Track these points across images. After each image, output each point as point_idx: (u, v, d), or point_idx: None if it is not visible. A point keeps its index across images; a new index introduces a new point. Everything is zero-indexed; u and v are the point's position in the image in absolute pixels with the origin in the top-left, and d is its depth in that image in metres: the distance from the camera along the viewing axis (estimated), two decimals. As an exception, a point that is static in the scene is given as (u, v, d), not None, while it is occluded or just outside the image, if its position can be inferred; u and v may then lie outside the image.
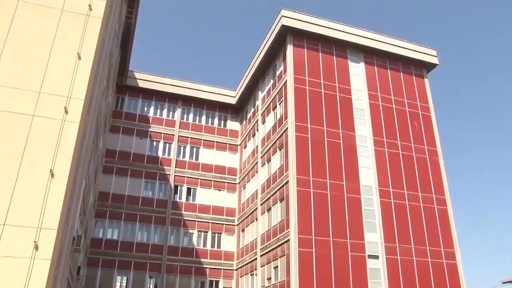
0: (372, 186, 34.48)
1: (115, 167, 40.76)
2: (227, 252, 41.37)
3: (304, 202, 31.64)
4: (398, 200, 34.80)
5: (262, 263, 35.01)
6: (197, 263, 39.77)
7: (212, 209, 42.28)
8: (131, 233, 39.15)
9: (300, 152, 33.12)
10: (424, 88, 40.52)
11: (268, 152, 37.58)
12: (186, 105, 45.88)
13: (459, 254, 34.76)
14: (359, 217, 32.93)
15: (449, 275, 33.72)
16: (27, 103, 15.06)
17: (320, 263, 30.34)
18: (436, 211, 35.55)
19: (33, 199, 13.76)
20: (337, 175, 33.59)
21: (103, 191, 39.25)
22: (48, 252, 13.27)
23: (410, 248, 33.47)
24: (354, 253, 31.61)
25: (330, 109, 35.80)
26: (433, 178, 36.74)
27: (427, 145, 37.89)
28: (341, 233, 31.79)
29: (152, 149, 42.97)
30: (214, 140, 45.28)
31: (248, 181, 41.55)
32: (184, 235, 40.71)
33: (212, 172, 43.80)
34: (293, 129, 33.70)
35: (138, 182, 41.04)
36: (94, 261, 36.76)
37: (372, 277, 31.55)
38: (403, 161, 36.44)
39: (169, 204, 41.16)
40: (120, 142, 41.95)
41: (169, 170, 42.46)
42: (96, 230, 38.22)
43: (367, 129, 36.50)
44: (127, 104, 44.04)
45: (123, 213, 39.37)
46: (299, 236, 30.51)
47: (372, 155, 35.62)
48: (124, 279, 37.84)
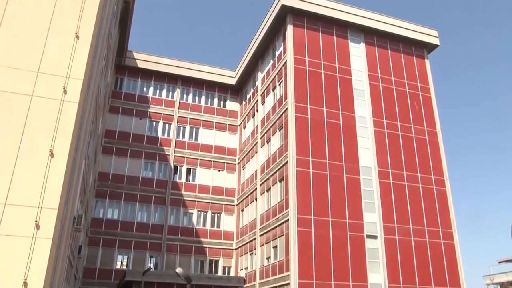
0: (371, 167, 34.59)
1: (114, 147, 40.82)
2: (226, 231, 41.71)
3: (303, 182, 31.77)
4: (397, 181, 34.94)
5: (262, 242, 35.32)
6: (197, 242, 40.13)
7: (212, 189, 42.49)
8: (131, 213, 39.41)
9: (299, 133, 33.14)
10: (425, 69, 40.33)
11: (268, 132, 37.58)
12: (185, 85, 45.71)
13: (457, 235, 35.08)
14: (358, 197, 33.12)
15: (447, 255, 34.07)
16: (26, 83, 15.00)
17: (319, 243, 30.61)
18: (434, 192, 35.74)
19: (33, 179, 13.81)
20: (337, 155, 33.66)
21: (103, 172, 39.39)
22: (49, 231, 13.37)
23: (409, 228, 33.75)
24: (353, 233, 31.88)
25: (330, 89, 35.68)
26: (432, 159, 36.84)
27: (426, 126, 37.89)
28: (340, 213, 32.02)
29: (151, 130, 42.96)
30: (213, 121, 45.25)
31: (248, 161, 41.65)
32: (184, 215, 40.99)
33: (211, 153, 43.88)
34: (293, 110, 33.65)
35: (138, 163, 41.15)
36: (95, 241, 37.09)
37: (370, 257, 31.88)
38: (403, 142, 36.48)
39: (169, 184, 41.34)
40: (120, 122, 41.92)
41: (168, 150, 42.53)
42: (96, 210, 38.46)
43: (367, 110, 36.45)
44: (126, 85, 43.89)
45: (123, 193, 39.57)
46: (298, 216, 30.72)
47: (372, 136, 35.64)
48: (125, 258, 38.22)
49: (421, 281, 32.47)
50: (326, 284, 29.82)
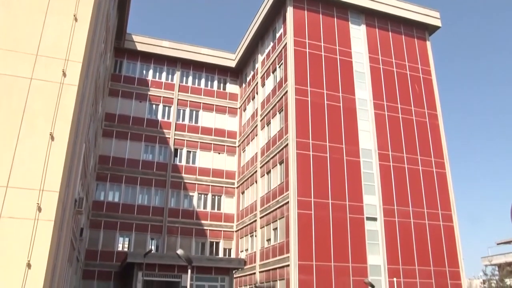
0: (371, 149, 34.63)
1: (114, 130, 40.82)
2: (227, 214, 41.95)
3: (303, 164, 31.85)
4: (397, 163, 35.02)
5: (262, 224, 35.56)
6: (197, 224, 40.40)
7: (212, 172, 42.61)
8: (132, 195, 39.59)
9: (300, 115, 33.10)
10: (426, 51, 40.08)
11: (268, 115, 37.54)
12: (185, 68, 45.49)
13: (456, 217, 35.28)
14: (358, 180, 33.23)
15: (446, 237, 34.32)
16: (25, 66, 14.93)
17: (319, 225, 30.82)
18: (434, 174, 35.84)
19: (34, 162, 13.85)
20: (337, 138, 33.68)
21: (103, 155, 39.44)
22: (51, 214, 13.46)
23: (408, 210, 33.94)
24: (353, 215, 32.07)
25: (330, 72, 35.53)
26: (432, 142, 36.86)
27: (427, 109, 37.82)
28: (340, 195, 32.17)
29: (151, 113, 42.89)
30: (213, 103, 45.16)
31: (248, 144, 41.69)
32: (185, 198, 41.18)
33: (211, 135, 43.89)
34: (293, 92, 33.56)
35: (138, 146, 41.19)
36: (96, 223, 37.34)
37: (370, 239, 32.13)
38: (403, 124, 36.46)
39: (169, 167, 41.44)
40: (119, 105, 41.84)
41: (168, 133, 42.53)
42: (97, 193, 38.63)
43: (367, 92, 36.35)
44: (126, 68, 43.69)
45: (124, 176, 39.69)
46: (299, 198, 30.87)
47: (372, 118, 35.60)
48: (126, 240, 38.53)
49: (420, 263, 32.78)
50: (326, 265, 30.11)
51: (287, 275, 29.91)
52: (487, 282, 49.17)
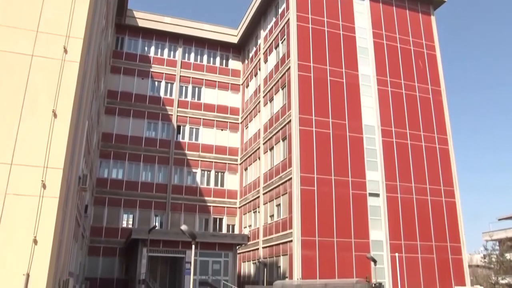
0: (374, 126, 34.57)
1: (117, 108, 40.76)
2: (230, 190, 42.18)
3: (306, 141, 31.86)
4: (400, 139, 34.98)
5: (265, 201, 35.77)
6: (201, 201, 40.67)
7: (215, 149, 42.69)
8: (136, 172, 39.78)
9: (302, 91, 32.95)
10: (431, 26, 39.57)
11: (271, 91, 37.37)
12: (187, 44, 45.11)
13: (458, 193, 35.39)
14: (361, 156, 33.27)
15: (448, 213, 34.50)
16: (25, 42, 14.79)
17: (322, 201, 31.00)
18: (437, 151, 35.83)
19: (37, 140, 13.85)
20: (340, 114, 33.59)
21: (106, 132, 39.49)
22: (55, 191, 13.53)
23: (411, 186, 34.04)
24: (356, 191, 32.21)
25: (333, 47, 35.20)
26: (436, 118, 36.73)
27: (431, 85, 37.57)
28: (343, 171, 32.25)
29: (153, 90, 42.74)
30: (216, 80, 44.91)
31: (251, 120, 41.63)
32: (188, 174, 41.35)
33: (214, 112, 43.81)
34: (296, 68, 33.33)
35: (141, 123, 41.17)
36: (100, 200, 37.63)
37: (372, 214, 32.34)
38: (406, 100, 36.28)
39: (172, 144, 41.50)
40: (122, 82, 41.68)
41: (171, 110, 42.45)
42: (101, 170, 38.82)
43: (371, 68, 36.07)
44: (127, 44, 43.34)
45: (127, 153, 39.81)
46: (301, 174, 30.98)
47: (375, 95, 35.42)
48: (130, 217, 38.88)
49: (421, 238, 33.05)
50: (328, 241, 30.38)
51: (290, 250, 30.23)
52: (488, 257, 49.67)
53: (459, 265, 33.71)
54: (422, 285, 31.77)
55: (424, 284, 31.92)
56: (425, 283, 32.00)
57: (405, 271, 31.76)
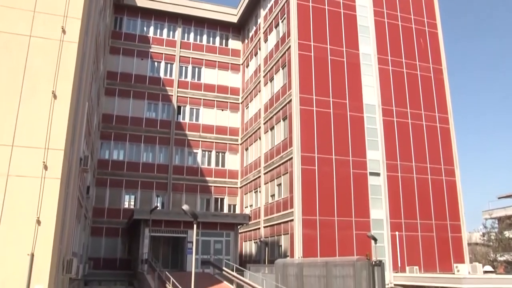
0: (375, 105, 34.48)
1: (117, 89, 40.61)
2: (231, 170, 42.30)
3: (307, 120, 31.83)
4: (401, 118, 34.93)
5: (266, 180, 35.91)
6: (202, 181, 40.83)
7: (216, 129, 42.67)
8: (137, 153, 39.85)
9: (303, 71, 32.78)
10: (432, 4, 39.13)
11: (271, 71, 37.18)
12: (186, 24, 44.70)
13: (458, 172, 35.48)
14: (361, 135, 33.27)
15: (448, 192, 34.65)
16: (23, 23, 14.65)
17: (323, 180, 31.11)
18: (438, 130, 35.80)
19: (38, 121, 13.85)
20: (340, 93, 33.48)
21: (106, 113, 39.42)
22: (57, 172, 13.58)
23: (411, 165, 34.13)
24: (356, 170, 32.30)
25: (334, 26, 34.87)
26: (437, 97, 36.61)
27: (432, 63, 37.33)
28: (344, 151, 32.29)
29: (153, 70, 42.52)
30: (216, 60, 44.63)
31: (251, 100, 41.51)
32: (189, 155, 41.43)
33: (214, 92, 43.66)
34: (296, 47, 33.10)
35: (141, 104, 41.08)
36: (102, 181, 37.78)
37: (373, 193, 32.50)
38: (407, 79, 36.11)
39: (173, 124, 41.47)
40: (121, 63, 41.45)
41: (171, 90, 42.31)
42: (102, 151, 38.89)
43: (372, 47, 35.80)
44: (126, 25, 42.95)
45: (128, 134, 39.81)
46: (302, 154, 31.03)
47: (376, 74, 35.24)
48: (132, 198, 39.10)
49: (422, 217, 33.27)
50: (329, 220, 30.60)
51: (291, 229, 30.47)
52: (487, 235, 50.07)
53: (458, 243, 34.00)
54: (421, 263, 32.08)
55: (423, 262, 32.24)
56: (424, 261, 32.33)
57: (405, 249, 32.06)
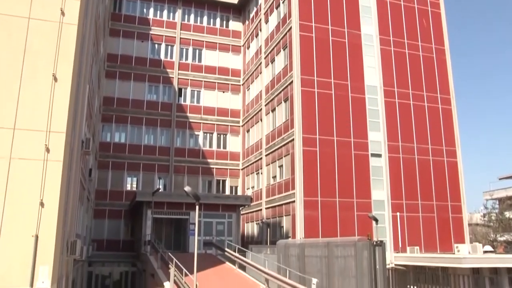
0: (377, 86, 34.36)
1: (117, 71, 40.47)
2: (232, 152, 42.38)
3: (308, 102, 31.76)
4: (403, 99, 34.83)
5: (267, 162, 36.00)
6: (203, 163, 40.94)
7: (217, 111, 42.61)
8: (138, 136, 39.89)
9: (304, 52, 32.59)
10: (435, -18, 38.65)
11: (272, 52, 36.97)
12: (186, 5, 44.28)
13: (460, 153, 35.49)
14: (363, 116, 33.23)
15: (449, 173, 34.73)
16: (21, 5, 14.51)
17: (324, 162, 31.18)
18: (440, 111, 35.72)
19: (39, 104, 13.82)
20: (342, 75, 33.33)
21: (107, 96, 39.34)
22: (59, 154, 13.61)
23: (413, 146, 34.15)
24: (358, 151, 32.34)
25: (335, 7, 34.55)
26: (439, 77, 36.44)
27: (434, 44, 37.05)
28: (345, 132, 32.29)
29: (154, 52, 42.29)
30: (216, 42, 44.31)
31: (252, 82, 41.37)
32: (190, 137, 41.47)
33: (215, 74, 43.46)
34: (297, 28, 32.84)
35: (142, 86, 40.97)
36: (104, 164, 37.90)
37: (374, 175, 32.60)
38: (409, 60, 35.89)
39: (174, 106, 41.42)
40: (121, 46, 41.20)
41: (172, 73, 42.14)
42: (103, 134, 38.93)
43: (373, 28, 35.52)
44: (126, 6, 42.56)
45: (129, 117, 39.79)
46: (304, 135, 31.04)
47: (378, 54, 35.03)
48: (134, 180, 39.27)
49: (423, 197, 33.42)
50: (330, 201, 30.76)
51: (293, 211, 30.65)
52: (487, 215, 50.34)
53: (459, 224, 34.21)
54: (422, 243, 32.34)
55: (424, 242, 32.49)
56: (425, 241, 32.57)
57: (406, 229, 32.29)
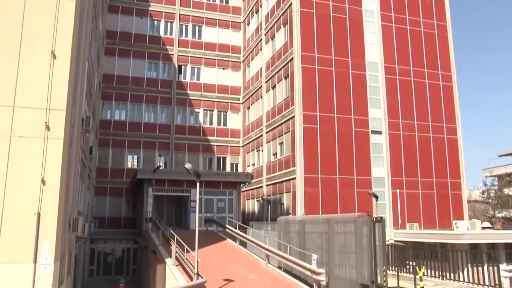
0: (377, 63, 34.13)
1: (117, 48, 40.13)
2: (233, 129, 42.35)
3: (308, 79, 31.60)
4: (404, 76, 34.64)
5: (268, 139, 36.01)
6: (204, 141, 40.96)
7: (217, 88, 42.42)
8: (138, 113, 39.80)
9: (305, 28, 32.28)
10: (437, -43, 38.00)
11: (272, 28, 36.61)
12: (185, -19, 43.64)
13: (460, 130, 35.47)
14: (363, 93, 33.11)
15: (449, 150, 34.77)
16: (19, -19, 14.34)
17: (324, 139, 31.19)
18: (441, 88, 35.57)
19: (38, 81, 13.78)
20: (343, 51, 33.07)
21: (107, 73, 39.12)
22: (59, 132, 13.63)
23: (413, 123, 34.11)
24: (358, 128, 32.33)
25: (336, -19, 34.04)
26: (440, 54, 36.16)
27: (436, 20, 36.65)
28: (346, 109, 32.22)
29: (153, 29, 41.88)
30: (216, 18, 43.83)
31: (252, 59, 41.08)
32: (190, 114, 41.39)
33: (215, 51, 43.11)
34: (298, 4, 32.46)
35: (142, 63, 40.69)
36: (104, 142, 37.93)
37: (374, 152, 32.66)
38: (411, 36, 35.56)
39: (174, 84, 41.23)
40: (120, 22, 40.76)
41: (172, 50, 41.81)
42: (103, 112, 38.84)
43: (375, 4, 35.09)
44: (124, -18, 41.95)
45: (129, 94, 39.65)
46: (304, 112, 30.99)
47: (379, 31, 34.69)
48: (135, 158, 39.34)
49: (423, 174, 33.54)
50: (331, 178, 30.89)
51: (293, 187, 30.80)
52: (486, 192, 50.64)
53: (458, 201, 34.42)
54: (421, 220, 32.59)
55: (423, 219, 32.74)
56: (424, 218, 32.83)
57: (406, 206, 32.51)
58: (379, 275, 14.77)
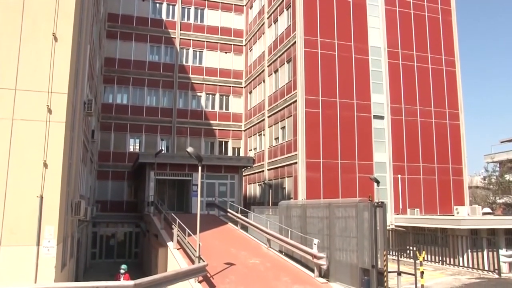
0: (380, 47, 33.90)
1: (118, 31, 39.89)
2: (235, 113, 42.28)
3: (311, 63, 31.43)
4: (407, 61, 34.42)
5: (270, 123, 35.97)
6: (206, 125, 40.92)
7: (219, 72, 42.24)
8: (140, 97, 39.73)
9: (307, 12, 32.00)
10: None
11: (275, 12, 36.30)
12: (187, -37, 43.18)
13: (463, 116, 35.37)
14: (366, 78, 32.95)
15: (451, 135, 34.71)
16: (18, -38, 14.19)
17: (327, 123, 31.14)
18: (444, 73, 35.36)
19: (39, 64, 13.71)
20: (346, 35, 32.83)
21: (109, 57, 38.94)
22: (61, 115, 13.60)
23: (415, 109, 34.00)
24: (360, 113, 32.24)
25: (340, -36, 33.64)
26: (444, 39, 35.88)
27: (441, 4, 36.28)
28: (348, 94, 32.10)
29: (155, 12, 41.57)
30: (218, 1, 43.43)
31: (255, 42, 40.82)
32: (193, 98, 41.30)
33: (218, 35, 42.83)
34: (301, -13, 32.10)
35: (143, 47, 40.48)
36: (106, 126, 37.93)
37: (376, 137, 32.61)
38: (414, 21, 35.25)
39: (176, 67, 41.05)
40: (122, 5, 40.44)
41: (174, 33, 41.53)
42: (105, 95, 38.77)
43: (379, -13, 34.69)
44: (125, -37, 41.51)
45: (131, 78, 39.52)
46: (306, 97, 30.89)
47: (382, 15, 34.38)
48: (137, 142, 39.37)
49: (424, 160, 33.53)
50: (332, 163, 30.91)
51: (295, 172, 30.85)
52: (487, 178, 50.62)
53: (459, 186, 34.46)
54: (422, 205, 32.69)
55: (424, 204, 32.83)
56: (425, 203, 32.92)
57: (407, 191, 32.58)
58: (379, 260, 14.85)
